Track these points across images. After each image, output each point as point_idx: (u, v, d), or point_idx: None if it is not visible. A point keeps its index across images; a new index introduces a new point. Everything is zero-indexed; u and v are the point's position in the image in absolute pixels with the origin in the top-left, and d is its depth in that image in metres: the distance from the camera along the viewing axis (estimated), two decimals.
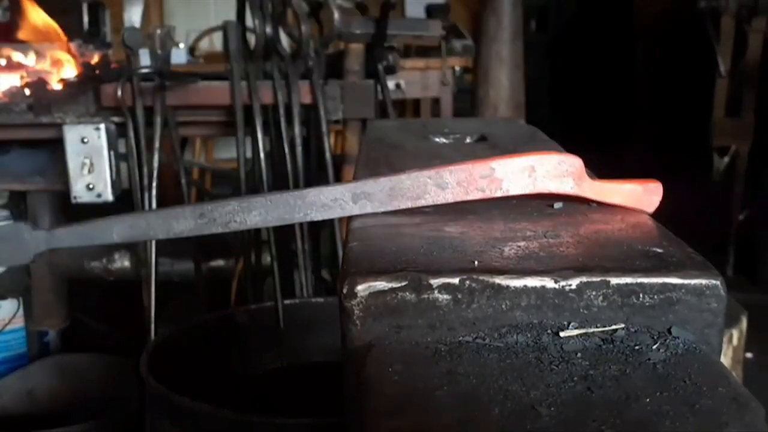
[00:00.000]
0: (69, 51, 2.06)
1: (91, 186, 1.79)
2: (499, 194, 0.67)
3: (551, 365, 0.49)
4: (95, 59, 2.09)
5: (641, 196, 0.69)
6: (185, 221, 0.70)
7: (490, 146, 0.99)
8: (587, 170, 0.69)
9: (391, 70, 2.00)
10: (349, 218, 0.68)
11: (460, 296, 0.52)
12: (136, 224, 0.71)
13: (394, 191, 0.67)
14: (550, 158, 0.68)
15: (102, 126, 1.79)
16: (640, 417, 0.44)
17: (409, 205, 0.68)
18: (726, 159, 3.48)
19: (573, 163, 0.68)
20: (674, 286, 0.52)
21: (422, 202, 0.67)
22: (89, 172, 1.78)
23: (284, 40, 1.94)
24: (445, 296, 0.52)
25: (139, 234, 0.72)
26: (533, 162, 0.67)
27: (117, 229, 0.71)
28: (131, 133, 1.80)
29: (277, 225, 0.69)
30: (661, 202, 0.69)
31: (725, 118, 3.48)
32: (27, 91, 1.87)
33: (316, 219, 0.69)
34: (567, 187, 0.68)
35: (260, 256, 1.92)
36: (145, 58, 1.89)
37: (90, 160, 1.78)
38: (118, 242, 0.72)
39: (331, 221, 1.86)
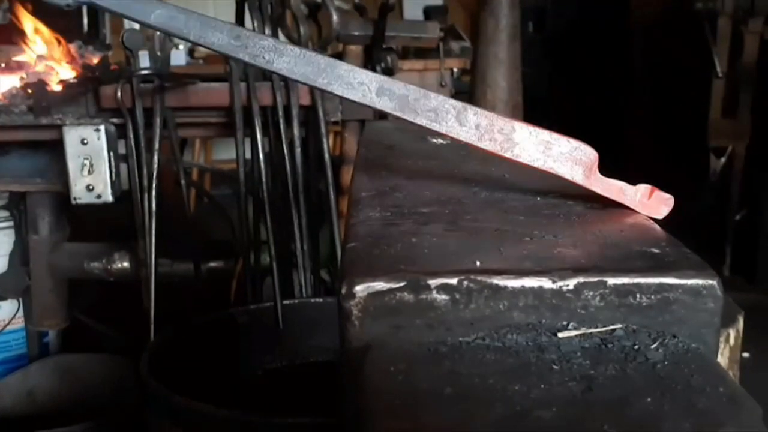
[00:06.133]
0: (68, 53, 2.06)
1: (90, 187, 1.79)
2: (508, 155, 0.68)
3: (551, 365, 0.50)
4: (95, 61, 2.09)
5: (649, 202, 0.69)
6: (220, 35, 0.71)
7: None
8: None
9: (389, 72, 2.01)
10: (348, 218, 0.68)
11: (458, 296, 0.52)
12: (175, 17, 0.72)
13: (418, 103, 0.69)
14: (569, 142, 0.68)
15: (102, 127, 1.79)
16: (640, 417, 0.44)
17: (424, 123, 0.69)
18: (723, 159, 3.49)
19: (588, 153, 0.68)
20: (671, 286, 0.53)
21: (436, 127, 0.69)
22: (89, 173, 1.78)
23: None
24: (444, 297, 0.52)
25: (174, 26, 0.73)
26: (552, 140, 0.68)
27: (158, 12, 0.72)
28: (131, 135, 1.81)
29: (298, 80, 0.70)
30: (670, 214, 0.69)
31: (722, 119, 3.48)
32: (28, 90, 1.87)
33: (336, 93, 0.70)
34: (576, 175, 0.68)
35: (259, 257, 1.93)
36: (144, 60, 1.89)
37: (90, 161, 1.78)
38: (153, 25, 0.73)
39: (330, 221, 1.87)
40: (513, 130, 0.68)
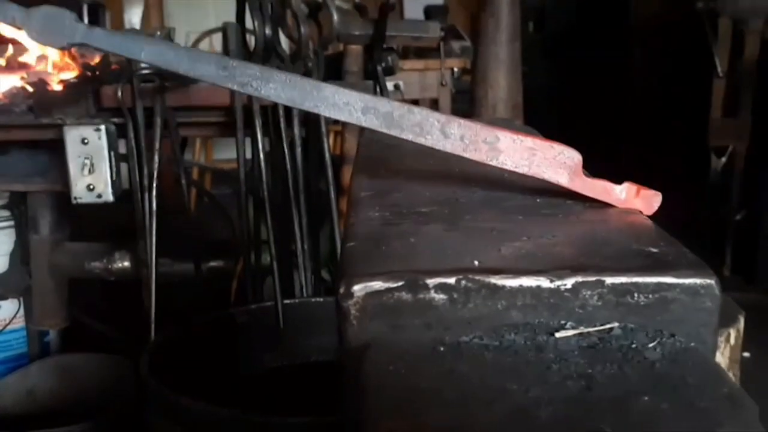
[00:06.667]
0: (69, 52, 2.06)
1: (91, 186, 1.79)
2: (494, 163, 0.70)
3: (549, 364, 0.50)
4: (95, 60, 2.09)
5: (636, 201, 0.69)
6: (208, 66, 0.74)
7: None
8: (584, 169, 0.70)
9: (389, 72, 2.01)
10: (347, 218, 0.69)
11: (456, 296, 0.52)
12: (165, 52, 0.75)
13: (403, 119, 0.71)
14: (552, 147, 0.70)
15: (102, 127, 1.79)
16: (639, 415, 0.44)
17: (410, 137, 0.71)
18: (723, 159, 3.48)
19: (572, 156, 0.69)
20: (669, 285, 0.53)
21: (422, 140, 0.71)
22: (89, 172, 1.78)
23: (284, 42, 1.94)
24: (442, 296, 0.52)
25: (164, 61, 0.76)
26: (535, 146, 0.69)
27: (147, 49, 0.75)
28: (131, 134, 1.81)
29: (286, 105, 0.74)
30: (658, 211, 0.69)
31: (722, 119, 3.48)
32: (29, 90, 1.87)
33: (323, 114, 0.73)
34: (561, 178, 0.69)
35: (260, 256, 1.93)
36: None
37: (90, 160, 1.78)
38: (145, 60, 0.77)
39: (330, 221, 1.87)
40: (497, 140, 0.69)
